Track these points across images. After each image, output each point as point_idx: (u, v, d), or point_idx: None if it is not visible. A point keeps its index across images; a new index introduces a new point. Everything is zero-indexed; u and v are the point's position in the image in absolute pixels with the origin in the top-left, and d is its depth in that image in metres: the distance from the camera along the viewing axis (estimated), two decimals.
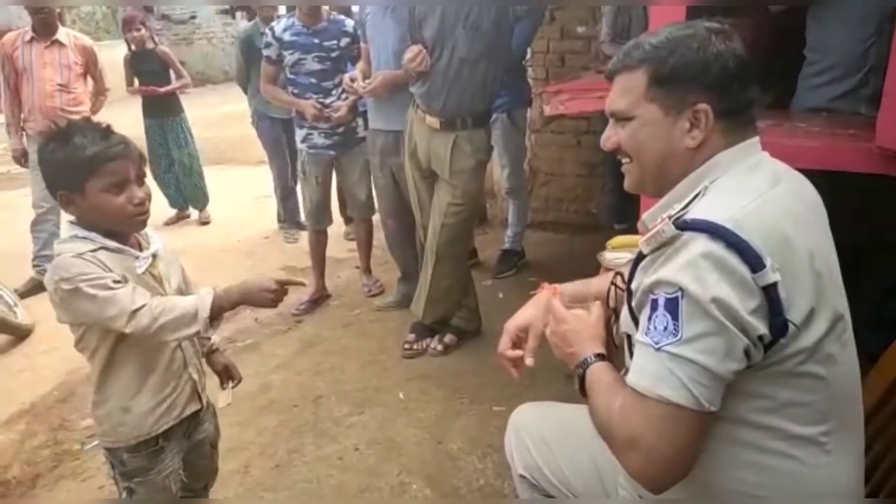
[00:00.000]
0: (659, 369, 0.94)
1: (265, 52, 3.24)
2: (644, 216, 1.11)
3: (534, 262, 3.98)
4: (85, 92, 3.89)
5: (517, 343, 1.41)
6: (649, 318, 0.97)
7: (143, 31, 4.68)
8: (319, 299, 3.61)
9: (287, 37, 3.16)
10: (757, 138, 1.08)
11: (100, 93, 4.03)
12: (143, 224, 1.47)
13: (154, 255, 1.51)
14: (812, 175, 1.11)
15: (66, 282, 1.33)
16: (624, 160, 1.14)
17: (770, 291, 0.92)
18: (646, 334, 0.97)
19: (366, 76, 3.06)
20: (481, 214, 4.55)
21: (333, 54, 3.22)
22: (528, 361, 1.37)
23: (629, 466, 0.98)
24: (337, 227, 4.71)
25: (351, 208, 3.60)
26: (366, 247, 3.73)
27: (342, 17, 3.32)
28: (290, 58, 3.18)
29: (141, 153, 1.46)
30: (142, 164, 1.45)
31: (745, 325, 0.91)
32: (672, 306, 0.94)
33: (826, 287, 0.98)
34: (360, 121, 3.37)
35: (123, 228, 1.44)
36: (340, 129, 3.31)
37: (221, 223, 4.95)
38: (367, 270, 3.78)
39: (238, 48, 4.37)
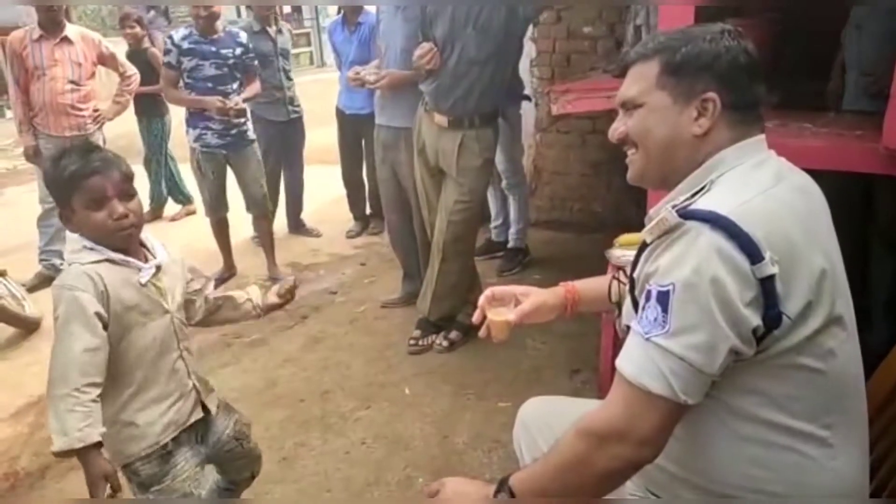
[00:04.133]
0: (645, 360, 0.97)
1: (165, 59, 3.52)
2: (651, 211, 1.13)
3: (539, 260, 4.00)
4: (94, 88, 3.90)
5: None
6: (643, 308, 1.00)
7: (138, 29, 4.71)
8: (228, 278, 3.93)
9: (185, 45, 3.44)
10: (763, 136, 1.10)
11: (126, 83, 4.03)
12: (127, 238, 1.48)
13: (159, 267, 1.54)
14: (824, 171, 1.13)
15: (62, 289, 1.39)
16: (630, 150, 1.16)
17: (767, 283, 0.93)
18: (638, 322, 1.00)
19: (356, 72, 3.12)
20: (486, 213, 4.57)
21: (230, 61, 3.51)
22: (511, 317, 1.41)
23: (610, 455, 1.00)
24: (341, 224, 4.76)
25: (247, 206, 3.83)
26: (269, 239, 3.95)
27: (237, 30, 3.68)
28: (188, 63, 3.45)
29: (125, 171, 1.47)
30: (126, 181, 1.47)
31: (737, 318, 0.93)
32: (663, 298, 0.96)
33: (826, 282, 0.99)
34: (249, 124, 3.67)
35: (108, 242, 1.46)
36: (233, 131, 3.57)
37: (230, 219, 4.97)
38: (275, 264, 3.97)
39: None
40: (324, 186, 5.25)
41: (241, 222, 4.03)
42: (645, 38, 1.15)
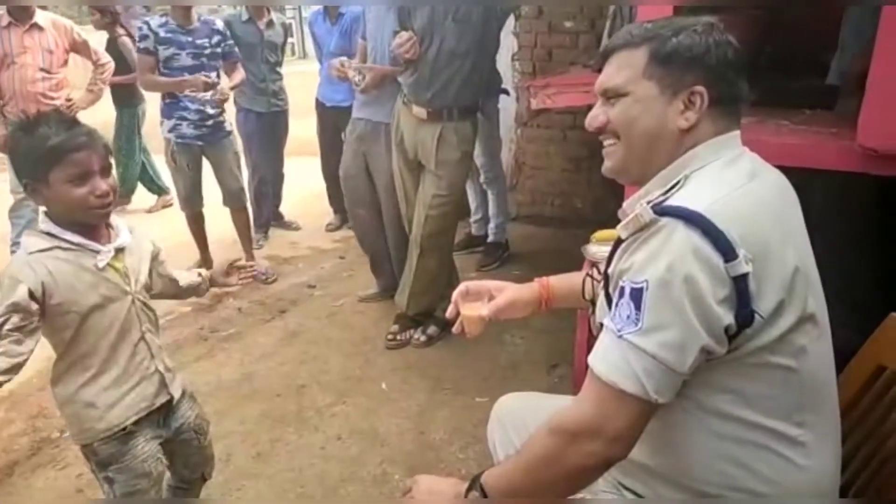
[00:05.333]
0: (617, 358, 0.96)
1: (141, 45, 3.42)
2: (624, 204, 1.12)
3: (518, 255, 4.00)
4: (66, 77, 3.81)
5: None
6: (616, 305, 0.99)
7: (98, 16, 4.60)
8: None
9: (162, 33, 3.37)
10: (738, 132, 1.09)
11: (100, 72, 3.93)
12: (105, 216, 1.46)
13: (121, 249, 1.51)
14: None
15: (4, 276, 1.38)
16: (608, 141, 1.13)
17: (740, 282, 0.93)
18: (611, 319, 1.00)
19: (341, 63, 3.07)
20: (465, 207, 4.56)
21: (206, 51, 3.47)
22: (484, 312, 1.41)
23: (582, 452, 0.99)
24: (320, 218, 4.72)
25: (224, 199, 3.79)
26: (246, 232, 3.92)
27: (212, 17, 3.64)
28: (163, 52, 3.38)
29: (106, 145, 1.45)
30: (107, 156, 1.44)
31: (710, 316, 0.93)
32: (637, 295, 0.95)
33: (799, 280, 0.99)
34: (227, 115, 3.62)
35: (85, 219, 1.44)
36: (209, 122, 3.52)
37: (206, 212, 4.91)
38: (252, 257, 3.91)
39: None
40: (304, 179, 5.20)
41: (219, 215, 3.96)
42: (628, 26, 1.12)
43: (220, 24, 3.56)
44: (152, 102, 4.08)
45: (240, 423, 2.47)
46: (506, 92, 3.81)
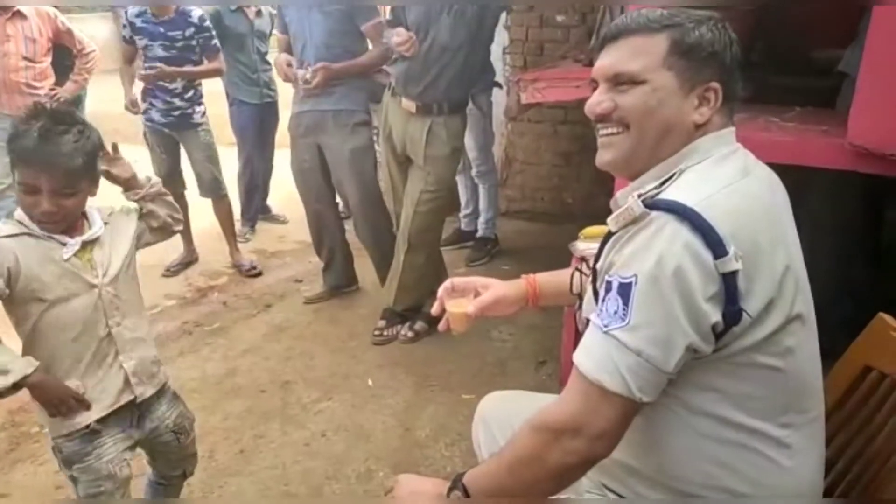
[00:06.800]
0: (602, 356, 0.95)
1: (123, 33, 3.50)
2: (617, 196, 1.09)
3: (508, 250, 3.99)
4: (50, 66, 3.74)
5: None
6: (603, 300, 0.97)
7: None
8: (190, 263, 3.91)
9: (138, 23, 3.41)
10: (734, 128, 1.08)
11: (84, 61, 3.82)
12: (52, 229, 1.42)
13: (93, 241, 1.48)
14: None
15: None
16: (608, 130, 1.07)
17: (729, 279, 0.91)
18: (598, 315, 0.98)
19: (288, 63, 3.02)
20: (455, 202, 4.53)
21: (178, 44, 3.45)
22: (470, 309, 1.37)
23: (564, 450, 0.97)
24: None
25: (200, 190, 3.76)
26: (228, 223, 3.87)
27: (189, 8, 3.51)
28: (139, 42, 3.45)
29: (74, 165, 1.37)
30: (66, 177, 1.37)
31: (698, 313, 0.91)
32: (625, 290, 0.93)
33: (788, 280, 0.97)
34: (197, 108, 3.59)
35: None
36: (176, 113, 3.53)
37: (193, 205, 4.85)
38: (237, 249, 3.89)
39: None
40: (290, 172, 5.14)
41: (206, 208, 3.91)
42: (642, 10, 1.06)
43: (196, 15, 3.47)
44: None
45: (223, 420, 2.44)
46: (499, 85, 3.80)
